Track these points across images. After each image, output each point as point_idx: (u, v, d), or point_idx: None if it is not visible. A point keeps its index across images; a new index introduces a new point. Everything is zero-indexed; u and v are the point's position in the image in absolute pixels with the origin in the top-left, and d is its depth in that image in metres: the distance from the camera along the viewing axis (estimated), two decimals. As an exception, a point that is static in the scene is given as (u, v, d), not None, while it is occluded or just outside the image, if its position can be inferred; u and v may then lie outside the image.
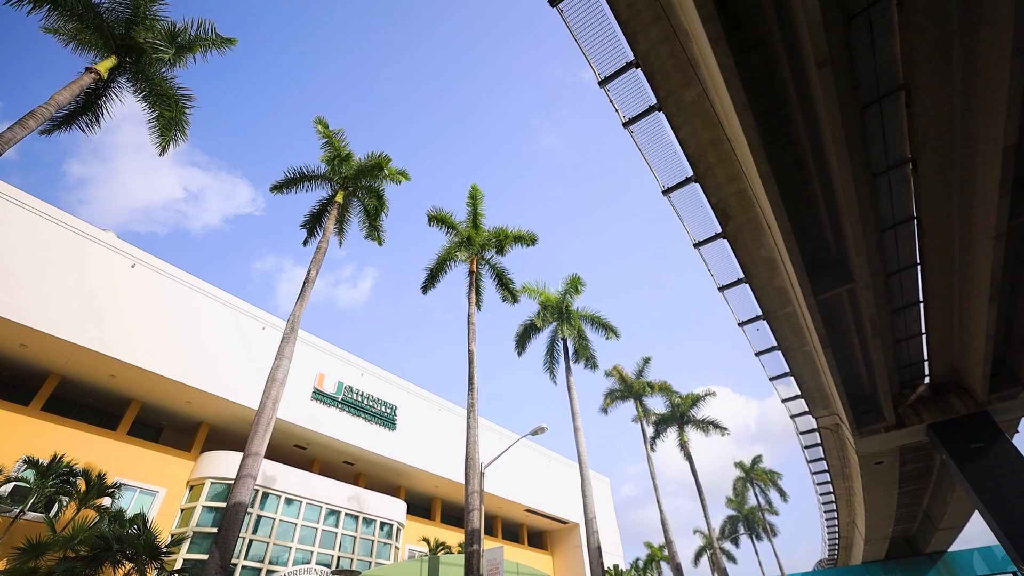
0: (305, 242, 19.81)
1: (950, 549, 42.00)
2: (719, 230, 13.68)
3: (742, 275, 14.91)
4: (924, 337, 18.43)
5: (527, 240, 22.19)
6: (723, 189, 12.83)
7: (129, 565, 12.40)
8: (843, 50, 9.56)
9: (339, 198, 18.93)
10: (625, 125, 11.86)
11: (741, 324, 16.94)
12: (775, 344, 17.66)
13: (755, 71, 9.96)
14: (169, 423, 26.32)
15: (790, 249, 12.80)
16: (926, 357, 19.69)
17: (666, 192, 13.04)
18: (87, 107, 13.55)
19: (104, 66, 12.89)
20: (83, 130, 13.53)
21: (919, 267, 15.27)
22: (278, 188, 19.42)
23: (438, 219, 21.91)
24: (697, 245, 14.24)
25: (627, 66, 10.92)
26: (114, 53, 13.24)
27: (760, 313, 16.27)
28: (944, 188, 12.59)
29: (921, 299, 16.52)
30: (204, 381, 23.61)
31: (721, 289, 15.57)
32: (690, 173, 12.65)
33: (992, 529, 19.23)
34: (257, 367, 25.23)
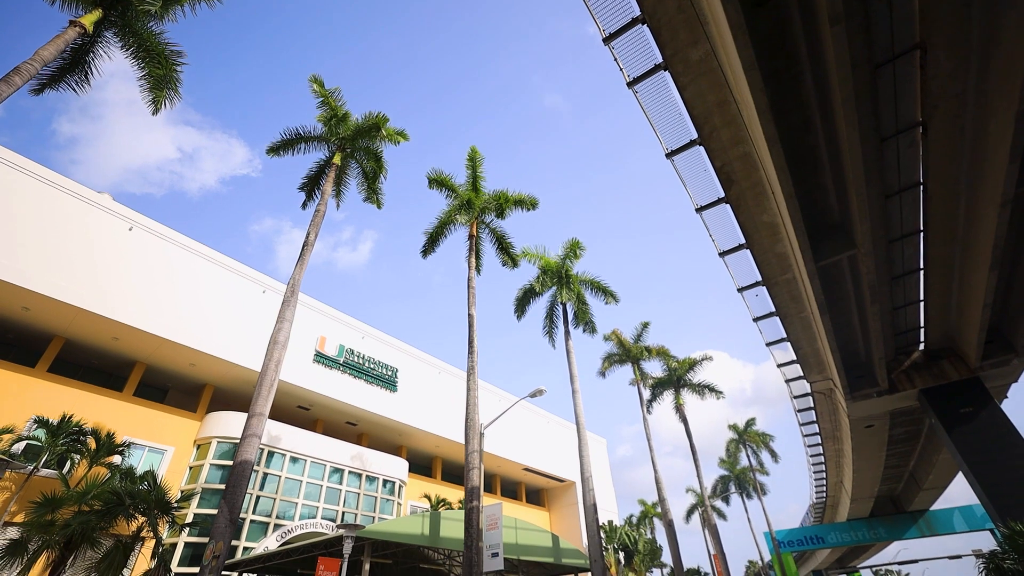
0: (303, 205, 19.57)
1: (932, 508, 43.63)
2: (722, 195, 13.51)
3: (743, 241, 14.83)
4: (922, 304, 18.52)
5: (527, 204, 21.94)
6: (728, 152, 12.58)
7: (142, 519, 12.86)
8: (859, 6, 9.17)
9: (337, 160, 18.58)
10: (629, 85, 11.51)
11: (741, 290, 16.98)
12: (773, 310, 17.75)
13: (766, 28, 9.59)
14: (174, 385, 26.76)
15: (793, 215, 12.67)
16: (922, 324, 19.85)
17: (670, 155, 12.80)
18: (75, 64, 13.09)
19: (89, 19, 12.38)
20: (74, 89, 13.13)
21: (922, 234, 15.18)
22: (274, 150, 19.03)
23: (438, 182, 21.58)
24: (699, 210, 14.09)
25: (633, 22, 10.49)
26: (99, 5, 12.70)
27: (760, 279, 16.27)
28: (953, 153, 12.36)
29: (922, 266, 16.50)
30: (206, 344, 23.85)
31: (722, 254, 15.51)
32: (695, 136, 12.37)
33: (974, 489, 19.90)
34: (259, 330, 25.44)
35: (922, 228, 14.96)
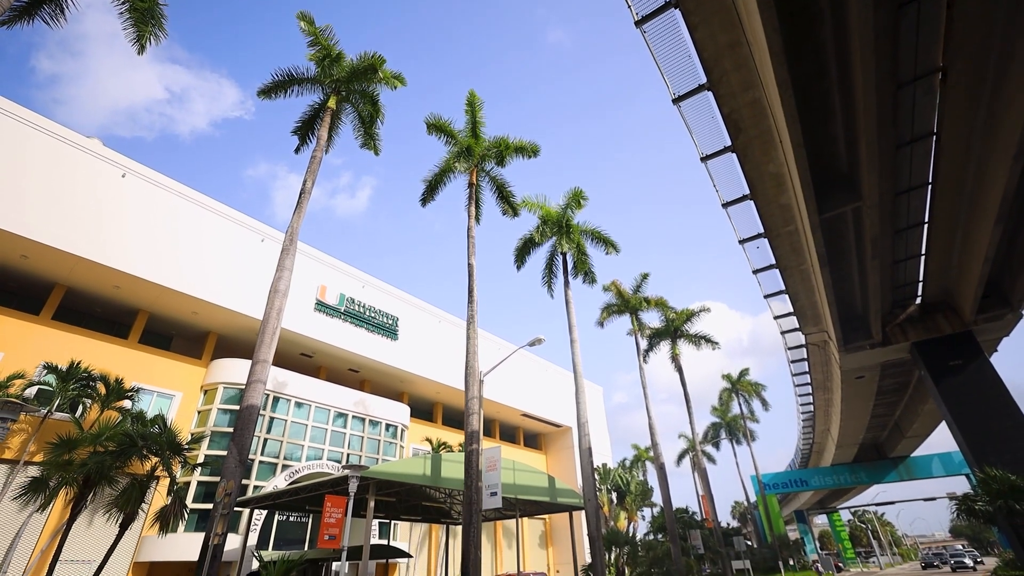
0: (297, 150, 19.04)
1: (913, 454, 45.51)
2: (729, 143, 13.14)
3: (748, 191, 14.58)
4: (922, 258, 18.48)
5: (528, 151, 21.38)
6: (737, 98, 12.13)
7: (155, 459, 13.39)
8: (887, -64, 8.56)
9: (331, 104, 17.89)
10: (638, 24, 10.91)
11: (742, 241, 16.87)
12: (774, 262, 17.73)
13: (786, -39, 8.99)
14: (178, 332, 27.11)
15: (800, 164, 12.39)
16: (921, 278, 19.90)
17: (677, 100, 12.33)
18: (48, -6, 12.31)
19: (61, -55, 11.52)
20: (47, 23, 12.41)
21: (930, 187, 14.91)
22: (266, 92, 18.27)
23: (436, 127, 20.92)
24: (705, 159, 13.76)
25: (644, -47, 9.82)
26: (70, -71, 11.78)
27: (762, 231, 16.14)
28: (971, 102, 11.93)
29: (926, 220, 16.32)
30: (207, 292, 23.96)
31: (725, 205, 15.30)
32: (703, 80, 11.87)
33: (955, 438, 20.67)
34: (259, 279, 25.49)
35: (931, 181, 14.68)
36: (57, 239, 19.75)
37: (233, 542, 21.04)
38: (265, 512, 23.31)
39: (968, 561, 41.14)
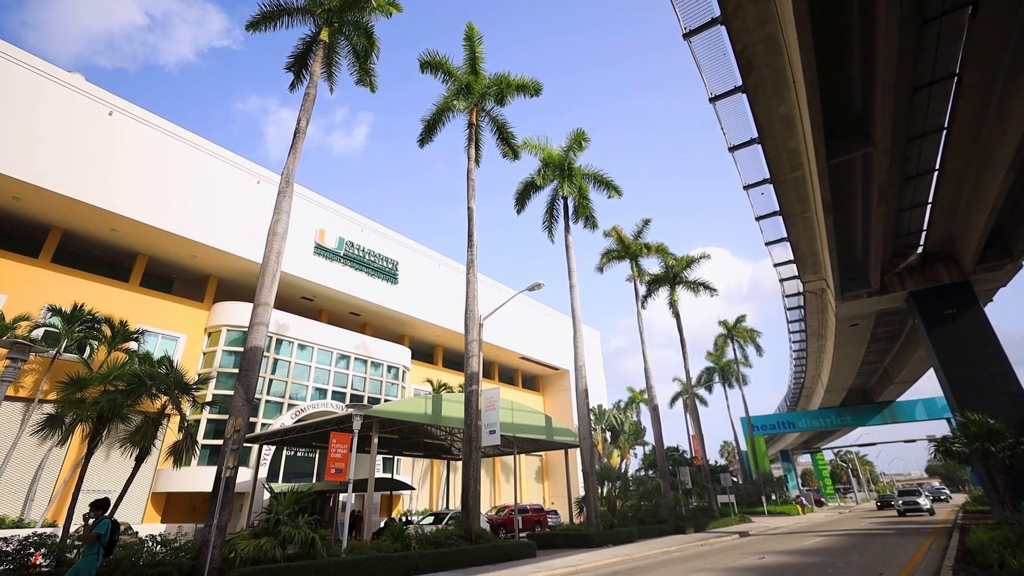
0: (291, 87, 18.23)
1: (898, 399, 47.05)
2: (740, 83, 12.57)
3: (756, 135, 14.12)
4: (929, 207, 18.22)
5: (530, 89, 20.52)
6: (751, 34, 11.47)
7: (164, 398, 13.79)
8: None
9: (324, 36, 16.93)
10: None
11: (747, 187, 16.56)
12: (777, 209, 17.49)
13: None
14: (178, 276, 27.16)
15: (812, 106, 11.92)
16: (925, 227, 19.71)
17: (688, 35, 11.67)
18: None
19: None
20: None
21: (944, 132, 14.45)
22: (254, 26, 17.22)
23: (431, 65, 19.96)
24: (714, 99, 13.22)
25: None
26: None
27: (768, 176, 15.79)
28: (999, 40, 11.31)
29: (937, 167, 15.95)
30: (204, 235, 23.76)
31: (732, 149, 14.88)
32: (717, 13, 11.18)
33: (941, 384, 21.26)
34: (257, 221, 25.23)
35: (946, 126, 14.20)
36: (46, 180, 19.33)
37: (244, 475, 22.16)
38: (274, 448, 24.37)
39: (923, 503, 29.69)
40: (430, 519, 22.85)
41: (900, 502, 30.81)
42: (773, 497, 45.92)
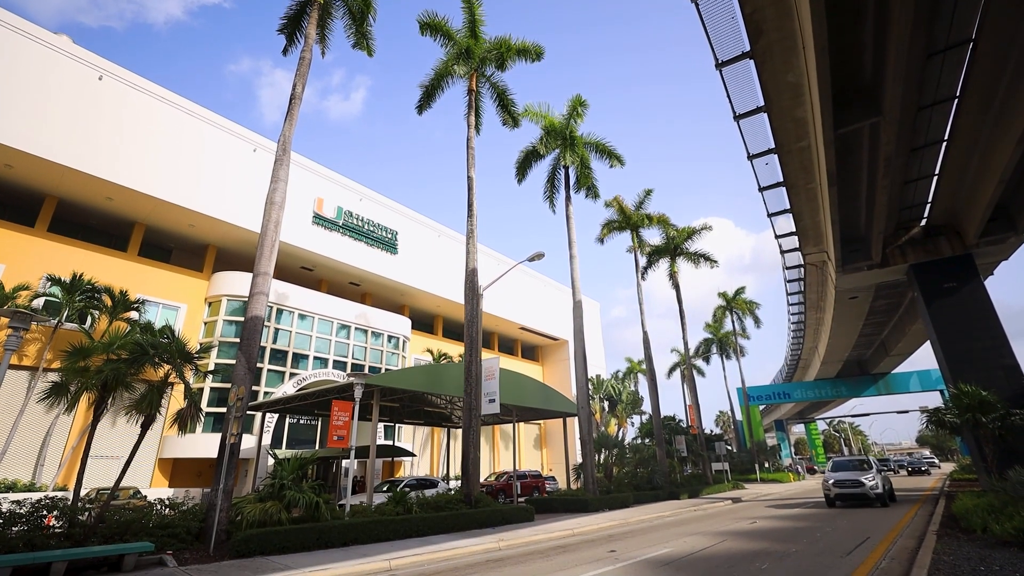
0: (285, 51, 17.68)
1: (893, 371, 47.59)
2: (747, 48, 12.19)
3: (763, 103, 13.79)
4: (935, 179, 17.97)
5: (531, 54, 19.93)
6: (762, -4, 11.04)
7: (167, 367, 13.90)
8: None
9: (317, -4, 16.34)
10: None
11: (751, 157, 16.29)
12: (781, 180, 17.25)
13: None
14: (177, 245, 27.03)
15: (821, 72, 11.60)
16: (930, 199, 19.50)
17: (695, -2, 11.24)
18: None
19: None
20: None
21: (955, 101, 14.11)
22: (244, -19, 16.67)
23: (431, 26, 19.32)
24: (720, 65, 12.85)
25: None
26: None
27: (773, 146, 15.51)
28: (1018, 6, 10.90)
29: (945, 138, 15.65)
30: (201, 204, 23.53)
31: (738, 117, 14.56)
32: (727, -26, 10.74)
33: (937, 356, 21.42)
34: (254, 190, 24.94)
35: (957, 95, 13.85)
36: (37, 146, 18.99)
37: (248, 442, 22.62)
38: (277, 416, 24.78)
39: (869, 483, 16.76)
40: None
41: (831, 483, 17.47)
42: (767, 465, 47.04)
